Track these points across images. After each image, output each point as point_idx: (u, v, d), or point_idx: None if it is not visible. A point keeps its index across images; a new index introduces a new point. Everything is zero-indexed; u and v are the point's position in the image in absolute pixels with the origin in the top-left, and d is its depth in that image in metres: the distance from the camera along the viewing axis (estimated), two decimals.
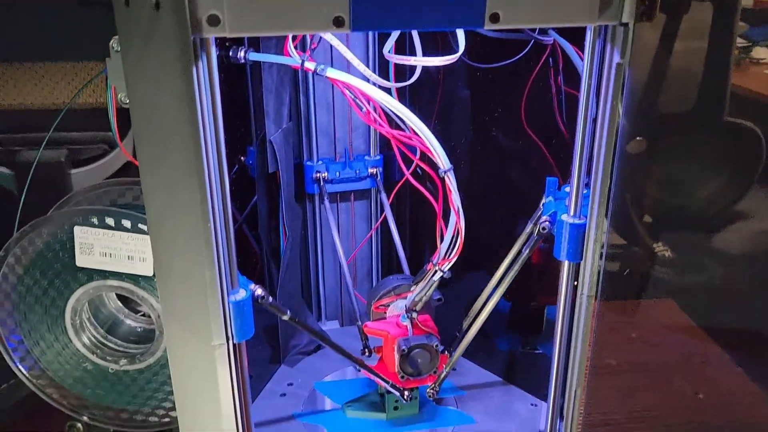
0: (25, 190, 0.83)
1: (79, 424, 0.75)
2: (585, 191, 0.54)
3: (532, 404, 0.73)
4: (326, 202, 0.80)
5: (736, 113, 1.14)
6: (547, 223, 0.57)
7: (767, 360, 0.91)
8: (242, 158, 0.87)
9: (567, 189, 0.56)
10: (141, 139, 0.47)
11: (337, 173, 0.80)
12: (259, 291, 0.50)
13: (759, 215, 1.20)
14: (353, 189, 0.83)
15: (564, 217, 0.55)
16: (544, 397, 0.64)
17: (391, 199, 0.81)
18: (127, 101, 0.49)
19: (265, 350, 0.83)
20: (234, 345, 0.49)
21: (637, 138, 1.24)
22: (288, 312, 0.54)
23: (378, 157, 0.82)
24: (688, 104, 1.16)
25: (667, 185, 1.24)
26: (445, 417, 0.71)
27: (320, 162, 0.80)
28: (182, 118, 0.43)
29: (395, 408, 0.70)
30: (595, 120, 0.51)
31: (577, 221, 0.54)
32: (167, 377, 0.71)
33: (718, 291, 1.09)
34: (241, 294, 0.48)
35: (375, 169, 0.82)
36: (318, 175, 0.80)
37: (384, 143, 0.83)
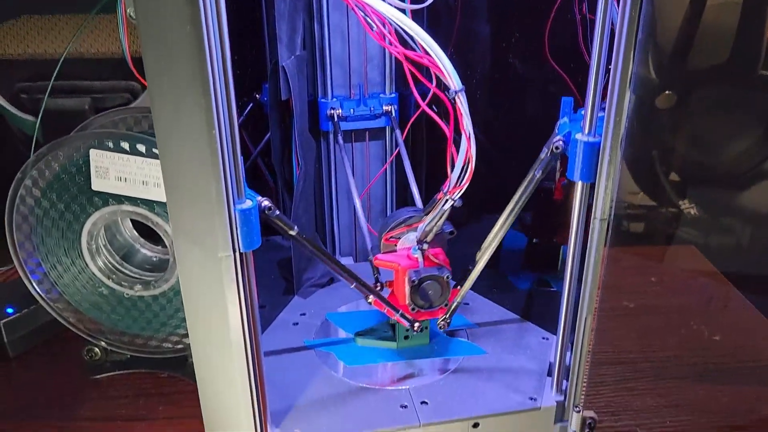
0: (36, 128, 0.83)
1: (97, 349, 0.77)
2: (602, 114, 0.53)
3: (543, 338, 0.73)
4: (340, 140, 0.80)
5: None
6: (560, 142, 0.55)
7: None
8: (257, 95, 0.86)
9: (584, 112, 0.55)
10: (147, 50, 0.46)
11: (352, 110, 0.79)
12: (266, 203, 0.50)
13: None
14: (368, 127, 0.82)
15: (578, 135, 0.53)
16: (556, 332, 0.63)
17: (405, 134, 0.80)
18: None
19: (279, 282, 0.84)
20: (241, 256, 0.49)
21: (666, 92, 1.21)
22: (295, 228, 0.54)
23: (393, 95, 0.81)
24: (721, 57, 1.12)
25: (695, 140, 1.21)
26: (456, 347, 0.71)
27: (335, 99, 0.79)
28: (185, 23, 0.43)
29: (406, 338, 0.70)
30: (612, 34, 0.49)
31: (591, 139, 0.53)
32: (181, 304, 0.72)
33: (742, 243, 1.07)
34: (248, 204, 0.48)
35: (390, 107, 0.80)
36: (332, 111, 0.79)
37: (400, 80, 0.81)
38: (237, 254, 0.49)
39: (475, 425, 0.61)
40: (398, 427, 0.60)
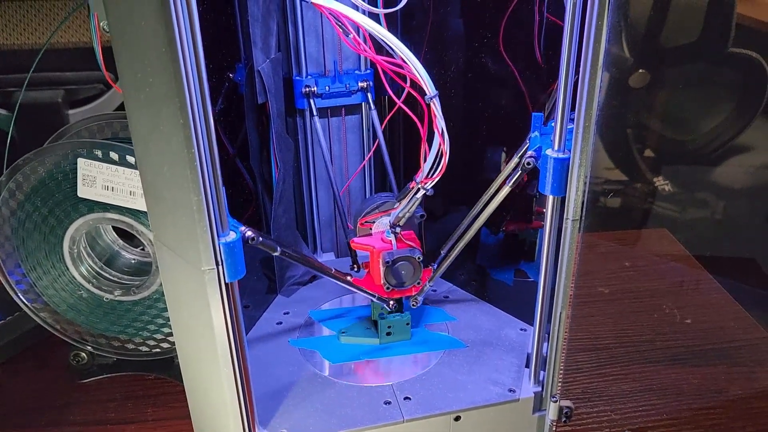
0: (11, 124, 0.83)
1: (83, 354, 0.78)
2: (571, 126, 0.54)
3: (521, 329, 0.75)
4: (315, 117, 0.79)
5: (741, 44, 1.12)
6: (531, 158, 0.58)
7: (757, 285, 0.92)
8: (230, 75, 0.84)
9: (554, 125, 0.56)
10: (122, 63, 0.47)
11: (327, 87, 0.79)
12: (249, 233, 0.52)
13: (760, 148, 1.19)
14: (344, 104, 0.81)
15: (548, 151, 0.55)
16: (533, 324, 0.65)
17: (384, 125, 0.80)
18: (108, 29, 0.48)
19: (262, 281, 0.85)
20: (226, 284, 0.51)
21: (640, 71, 1.23)
22: (278, 248, 0.55)
23: (369, 71, 0.80)
24: (691, 35, 1.14)
25: (669, 117, 1.23)
26: (437, 342, 0.73)
27: (309, 76, 0.78)
28: (159, 37, 0.43)
29: (388, 333, 0.72)
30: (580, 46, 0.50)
31: (561, 155, 0.54)
32: (161, 310, 0.73)
33: (714, 222, 1.10)
34: (232, 236, 0.50)
35: (366, 83, 0.79)
36: (307, 89, 0.78)
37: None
38: (222, 282, 0.50)
39: (457, 419, 0.63)
40: (383, 424, 0.62)
